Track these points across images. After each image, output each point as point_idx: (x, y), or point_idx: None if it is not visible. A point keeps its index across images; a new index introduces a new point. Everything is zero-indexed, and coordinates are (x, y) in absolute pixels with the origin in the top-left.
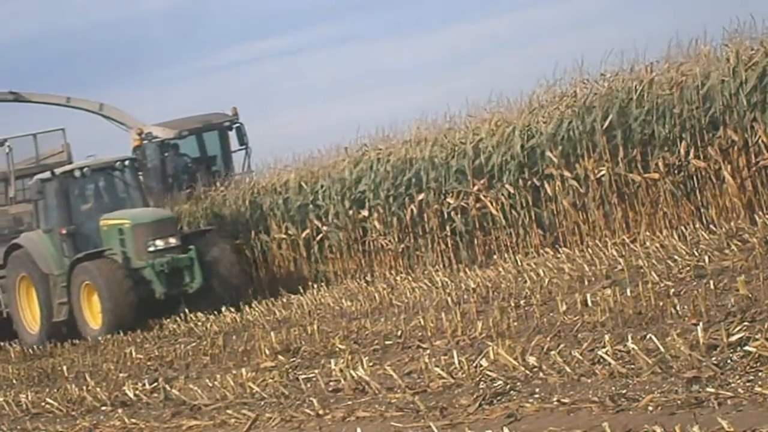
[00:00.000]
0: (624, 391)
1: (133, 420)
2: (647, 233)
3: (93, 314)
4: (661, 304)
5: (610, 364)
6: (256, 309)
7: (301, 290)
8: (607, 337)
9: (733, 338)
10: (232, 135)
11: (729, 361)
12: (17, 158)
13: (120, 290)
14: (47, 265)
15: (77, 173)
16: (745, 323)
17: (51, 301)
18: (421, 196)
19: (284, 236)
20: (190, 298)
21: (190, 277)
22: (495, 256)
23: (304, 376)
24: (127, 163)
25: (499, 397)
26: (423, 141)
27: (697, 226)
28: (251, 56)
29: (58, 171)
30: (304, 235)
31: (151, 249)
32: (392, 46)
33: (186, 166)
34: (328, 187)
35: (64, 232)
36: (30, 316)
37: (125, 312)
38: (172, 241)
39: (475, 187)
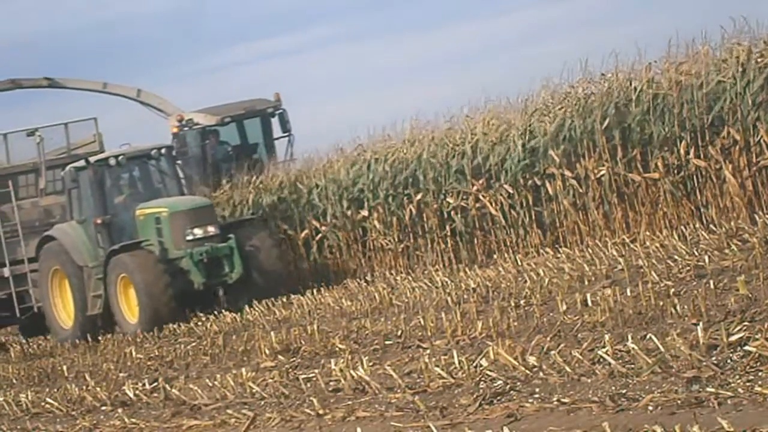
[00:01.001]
0: (624, 391)
1: (133, 420)
2: (647, 233)
3: (130, 308)
4: (661, 304)
5: (610, 364)
6: (256, 309)
7: (301, 290)
8: (607, 337)
9: (733, 338)
10: (275, 121)
11: (729, 361)
12: (47, 148)
13: (157, 284)
14: (81, 257)
15: (112, 161)
16: (745, 323)
17: (85, 294)
18: (420, 196)
19: (283, 236)
20: (229, 288)
21: (229, 267)
22: (495, 256)
23: (304, 376)
24: (163, 151)
25: (499, 397)
26: (423, 141)
27: (697, 226)
28: (251, 56)
29: (92, 159)
30: (303, 235)
31: (189, 238)
32: (392, 46)
33: (227, 154)
34: (324, 186)
35: (99, 222)
36: (63, 311)
37: (163, 306)
38: (211, 229)
39: (475, 187)
